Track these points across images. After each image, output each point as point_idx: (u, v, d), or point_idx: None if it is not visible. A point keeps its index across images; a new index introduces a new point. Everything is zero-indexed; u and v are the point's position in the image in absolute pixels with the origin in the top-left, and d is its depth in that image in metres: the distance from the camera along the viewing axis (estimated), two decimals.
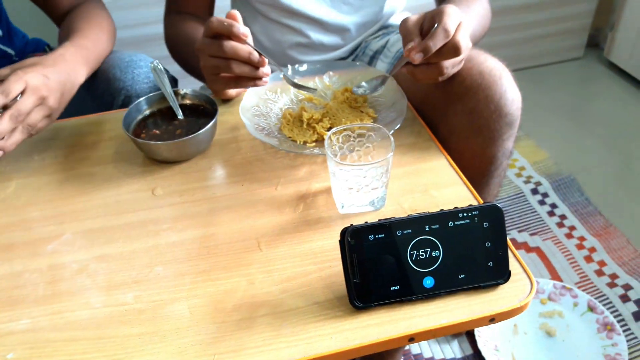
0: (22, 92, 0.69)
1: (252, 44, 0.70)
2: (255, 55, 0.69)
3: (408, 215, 0.52)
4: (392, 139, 0.59)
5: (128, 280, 0.58)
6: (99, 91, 0.92)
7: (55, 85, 0.74)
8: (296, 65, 0.84)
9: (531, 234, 1.40)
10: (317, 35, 1.02)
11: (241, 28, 0.68)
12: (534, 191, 1.54)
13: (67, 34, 0.91)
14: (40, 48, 1.12)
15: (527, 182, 1.57)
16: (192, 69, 0.94)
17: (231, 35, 0.68)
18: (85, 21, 0.94)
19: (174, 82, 1.01)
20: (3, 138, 0.68)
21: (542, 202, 1.50)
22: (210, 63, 0.71)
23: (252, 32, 0.82)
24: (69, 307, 0.56)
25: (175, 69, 1.00)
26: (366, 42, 1.06)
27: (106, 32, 0.96)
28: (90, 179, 0.73)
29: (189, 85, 0.89)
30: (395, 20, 1.09)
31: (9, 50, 1.06)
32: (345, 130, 0.63)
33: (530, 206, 1.49)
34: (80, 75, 0.82)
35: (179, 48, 0.95)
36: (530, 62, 2.13)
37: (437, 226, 0.52)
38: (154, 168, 0.74)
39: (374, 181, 0.59)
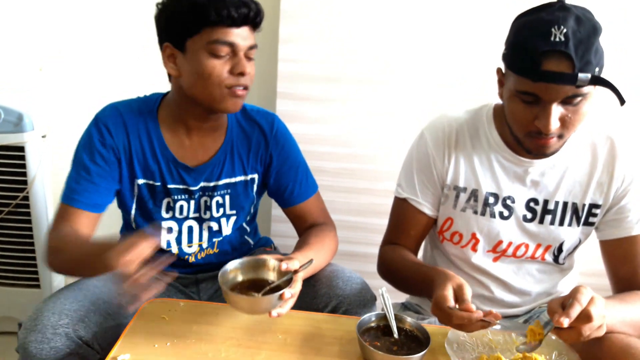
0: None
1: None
2: (479, 323, 0.91)
3: None
4: None
5: None
6: (318, 293, 1.16)
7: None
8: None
9: None
10: (500, 293, 1.23)
11: (475, 310, 0.91)
12: None
13: (301, 244, 1.21)
14: (268, 244, 1.47)
15: None
16: (406, 289, 1.17)
17: (465, 307, 0.92)
18: (316, 238, 1.24)
19: None
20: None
21: None
22: (445, 313, 0.93)
23: None
24: None
25: None
26: (540, 307, 1.24)
27: (328, 249, 1.25)
28: None
29: None
30: None
31: (251, 241, 1.41)
32: None
33: None
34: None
35: (394, 272, 1.21)
36: None
37: None
38: None
39: None
